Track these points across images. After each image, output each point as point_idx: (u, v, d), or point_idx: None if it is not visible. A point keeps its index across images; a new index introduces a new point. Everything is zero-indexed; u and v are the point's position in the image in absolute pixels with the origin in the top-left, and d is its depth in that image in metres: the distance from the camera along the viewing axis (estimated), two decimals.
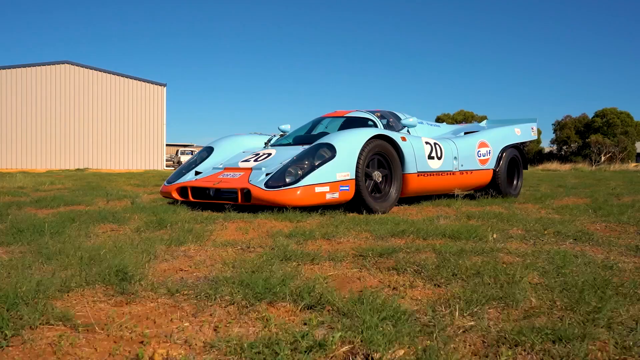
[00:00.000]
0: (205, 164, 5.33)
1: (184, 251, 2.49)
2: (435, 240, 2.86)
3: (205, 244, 2.68)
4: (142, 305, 1.60)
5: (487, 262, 2.16)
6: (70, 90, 26.89)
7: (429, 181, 5.27)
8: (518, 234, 3.21)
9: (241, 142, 5.73)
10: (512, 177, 6.66)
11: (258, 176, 4.53)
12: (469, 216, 4.20)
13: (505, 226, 3.58)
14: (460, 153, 5.77)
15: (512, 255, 2.46)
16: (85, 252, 2.22)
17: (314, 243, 2.72)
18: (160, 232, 3.15)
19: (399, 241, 2.83)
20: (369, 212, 4.53)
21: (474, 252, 2.46)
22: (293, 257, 2.24)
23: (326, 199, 4.29)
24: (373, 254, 2.34)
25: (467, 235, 2.96)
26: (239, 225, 3.44)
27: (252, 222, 3.64)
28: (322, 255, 2.33)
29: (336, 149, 4.42)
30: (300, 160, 4.42)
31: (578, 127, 50.19)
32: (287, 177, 4.30)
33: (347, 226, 3.38)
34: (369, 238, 2.92)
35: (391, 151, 4.81)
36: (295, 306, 1.59)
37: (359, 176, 4.45)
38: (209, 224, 3.50)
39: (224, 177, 4.77)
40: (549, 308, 1.58)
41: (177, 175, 5.26)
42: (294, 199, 4.15)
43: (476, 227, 3.41)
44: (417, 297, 1.73)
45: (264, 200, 4.23)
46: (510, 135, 6.60)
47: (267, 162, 4.83)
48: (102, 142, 27.37)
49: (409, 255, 2.37)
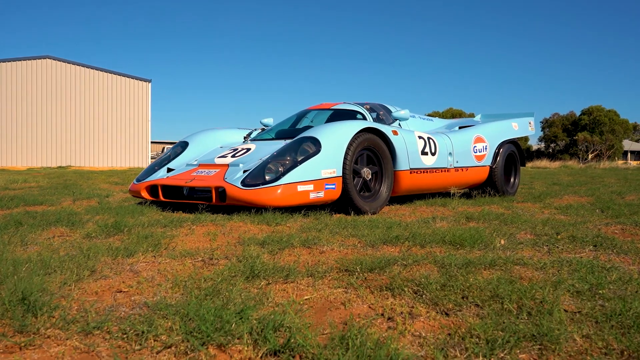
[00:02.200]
0: (179, 160, 4.85)
1: (132, 264, 2.03)
2: (435, 248, 2.44)
3: (160, 254, 2.23)
4: (40, 352, 1.15)
5: (502, 279, 1.74)
6: (51, 86, 26.13)
7: (422, 179, 4.85)
8: (528, 240, 2.79)
9: (219, 136, 5.26)
10: (509, 174, 6.27)
11: (235, 173, 4.08)
12: (468, 217, 3.78)
13: (510, 229, 3.16)
14: (455, 149, 5.35)
15: (530, 268, 2.04)
16: (2, 267, 1.76)
17: (291, 253, 2.28)
18: (114, 238, 2.69)
19: (393, 250, 2.40)
20: (358, 212, 4.10)
21: (482, 263, 2.03)
22: (262, 274, 1.80)
23: (310, 198, 3.85)
24: (362, 268, 1.91)
25: (471, 242, 2.53)
26: (208, 230, 2.99)
27: (224, 225, 3.19)
28: (298, 270, 1.89)
29: (321, 143, 3.98)
30: (281, 155, 3.98)
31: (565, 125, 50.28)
32: (267, 174, 3.85)
33: (333, 230, 2.95)
34: (357, 246, 2.49)
35: (382, 146, 4.38)
36: (255, 351, 1.15)
37: (347, 173, 4.01)
38: (173, 227, 3.04)
39: (198, 175, 4.31)
40: (603, 354, 1.15)
41: (148, 173, 4.78)
42: (274, 199, 3.71)
43: (479, 230, 2.99)
44: (420, 334, 1.30)
45: (240, 200, 3.78)
46: (507, 129, 6.19)
47: (246, 158, 4.37)
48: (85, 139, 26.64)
49: (405, 269, 1.93)
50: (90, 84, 26.86)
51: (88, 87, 26.77)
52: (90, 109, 26.71)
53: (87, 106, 26.66)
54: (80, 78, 26.78)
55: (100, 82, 27.07)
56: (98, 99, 26.88)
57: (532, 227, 3.28)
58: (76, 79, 26.70)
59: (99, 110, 26.89)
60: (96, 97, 26.87)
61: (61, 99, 26.26)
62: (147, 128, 28.06)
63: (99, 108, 26.88)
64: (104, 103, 26.97)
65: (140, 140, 27.84)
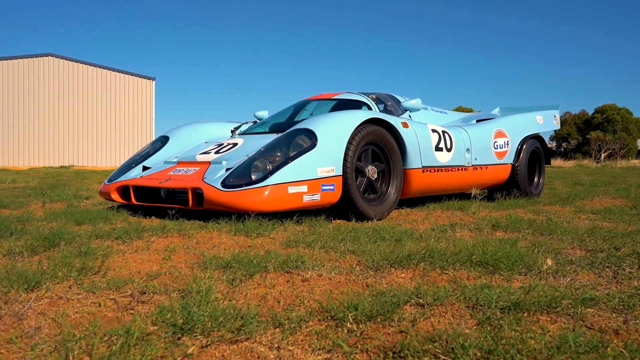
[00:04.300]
0: (157, 156, 4.21)
1: (25, 303, 1.40)
2: (461, 272, 1.79)
3: (80, 284, 1.60)
4: None
5: (578, 339, 1.09)
6: (54, 84, 25.68)
7: (436, 178, 4.18)
8: (580, 258, 2.13)
9: (205, 130, 4.62)
10: (533, 173, 5.58)
11: (216, 172, 3.44)
12: (493, 225, 3.12)
13: (552, 242, 2.51)
14: (473, 144, 4.68)
15: (607, 312, 1.39)
16: None
17: (260, 282, 1.63)
18: (41, 255, 2.07)
19: (404, 276, 1.75)
20: (360, 218, 3.46)
21: (536, 304, 1.38)
22: (200, 326, 1.16)
23: (303, 202, 3.20)
24: (357, 315, 1.26)
25: (508, 263, 1.88)
26: (169, 243, 2.35)
27: (192, 237, 2.55)
28: (261, 318, 1.25)
29: (317, 136, 3.33)
30: (271, 151, 3.34)
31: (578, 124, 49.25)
32: (254, 173, 3.21)
33: (326, 244, 2.30)
34: (354, 269, 1.84)
35: (390, 140, 3.73)
36: None
37: (348, 172, 3.37)
38: (127, 240, 2.41)
39: (175, 174, 3.68)
40: None
41: (121, 171, 4.14)
42: (260, 203, 3.06)
43: (512, 244, 2.34)
44: None
45: (219, 204, 3.15)
46: (531, 123, 5.51)
47: (230, 154, 3.74)
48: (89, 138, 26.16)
49: (424, 315, 1.29)
50: (93, 82, 26.40)
51: (91, 86, 26.30)
52: (93, 107, 26.24)
53: (90, 105, 26.19)
54: (83, 76, 26.32)
55: (104, 80, 26.58)
56: (101, 97, 26.39)
57: (577, 238, 2.62)
58: (79, 77, 26.24)
59: (103, 109, 26.40)
60: (99, 95, 26.39)
61: (64, 98, 25.80)
62: (151, 126, 27.54)
63: (103, 106, 26.39)
64: (107, 101, 26.48)
65: (144, 139, 27.32)
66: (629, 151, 45.50)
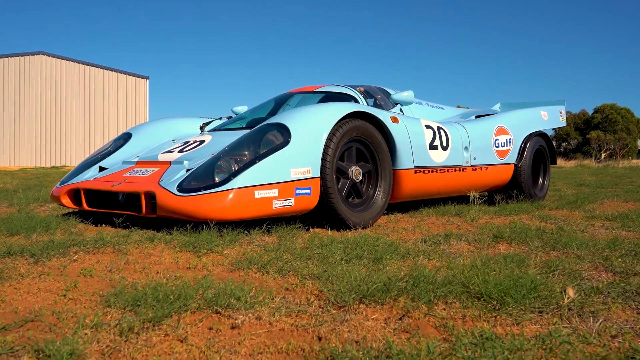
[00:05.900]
0: (117, 155, 3.73)
1: None
2: (455, 311, 1.32)
3: None
4: None
5: None
6: (45, 83, 25.18)
7: (430, 180, 3.71)
8: (609, 285, 1.66)
9: (173, 126, 4.13)
10: (537, 174, 5.10)
11: (174, 174, 2.97)
12: (495, 236, 2.65)
13: (567, 259, 2.04)
14: (472, 142, 4.21)
15: None
16: None
17: (169, 332, 1.15)
18: None
19: (375, 317, 1.28)
20: (342, 226, 2.99)
21: None
22: None
23: (274, 208, 2.73)
24: None
25: (517, 294, 1.42)
26: (90, 264, 1.88)
27: (128, 253, 2.08)
28: None
29: (291, 131, 2.86)
30: (237, 148, 2.86)
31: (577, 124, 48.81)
32: (217, 174, 2.73)
33: (286, 265, 1.83)
34: (310, 306, 1.37)
35: (377, 137, 3.26)
36: None
37: (327, 173, 2.90)
38: (42, 258, 1.94)
39: (131, 176, 3.21)
40: None
41: (76, 172, 3.67)
42: (222, 210, 2.59)
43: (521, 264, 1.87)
44: None
45: (173, 212, 2.68)
46: (535, 119, 5.03)
47: (194, 153, 3.26)
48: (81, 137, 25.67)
49: None
50: (85, 80, 25.90)
51: (83, 84, 25.80)
52: (86, 106, 25.73)
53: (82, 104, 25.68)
54: (75, 75, 25.83)
55: (96, 79, 26.09)
56: (94, 97, 25.90)
57: (598, 254, 2.15)
58: (71, 76, 25.75)
59: (95, 108, 25.90)
60: (92, 94, 25.89)
61: (56, 97, 25.30)
62: None
63: (95, 106, 25.89)
64: (100, 100, 25.97)
65: None
66: (629, 151, 45.08)
